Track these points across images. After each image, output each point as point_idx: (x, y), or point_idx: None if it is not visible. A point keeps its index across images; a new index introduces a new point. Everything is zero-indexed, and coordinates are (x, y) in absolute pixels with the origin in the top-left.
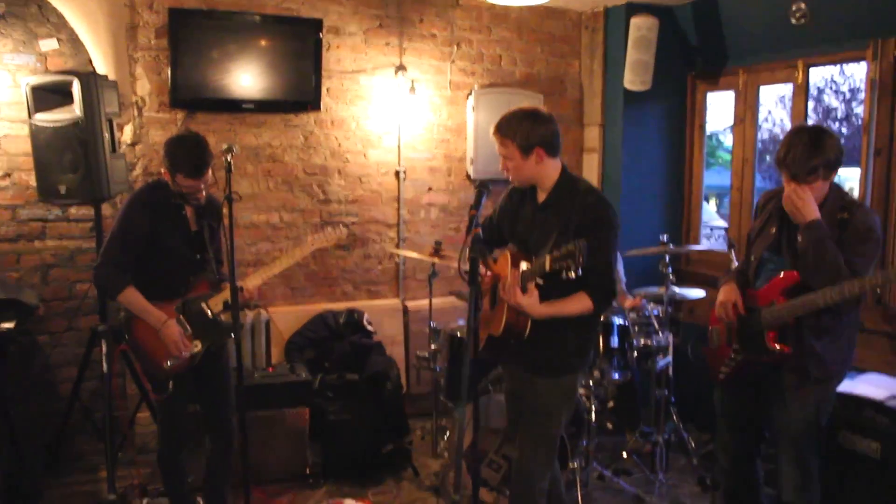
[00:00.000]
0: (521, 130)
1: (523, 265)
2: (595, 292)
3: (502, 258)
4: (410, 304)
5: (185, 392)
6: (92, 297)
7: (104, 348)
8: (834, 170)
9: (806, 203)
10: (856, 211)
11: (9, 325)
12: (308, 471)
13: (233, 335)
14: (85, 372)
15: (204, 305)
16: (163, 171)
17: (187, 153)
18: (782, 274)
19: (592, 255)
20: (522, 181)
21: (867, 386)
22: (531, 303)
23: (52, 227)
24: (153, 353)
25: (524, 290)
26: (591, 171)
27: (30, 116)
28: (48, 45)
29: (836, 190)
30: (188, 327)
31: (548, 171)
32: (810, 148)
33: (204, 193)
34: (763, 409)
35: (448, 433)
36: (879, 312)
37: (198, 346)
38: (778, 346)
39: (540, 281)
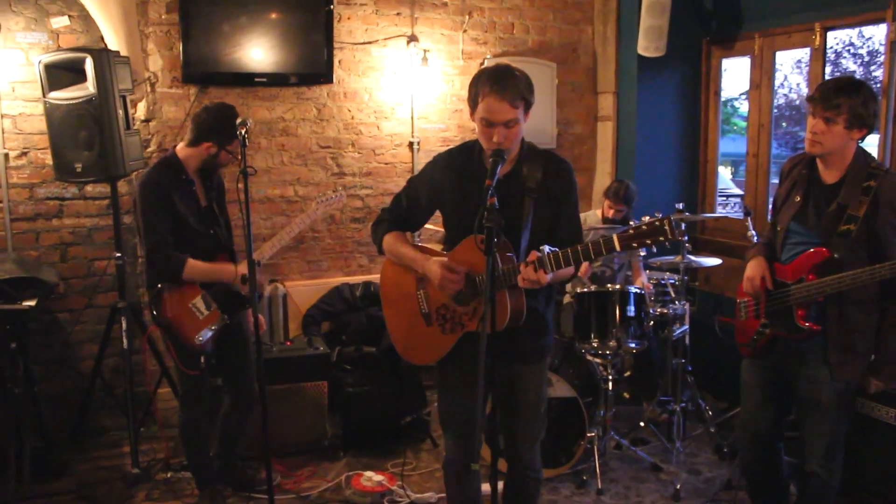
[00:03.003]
0: (527, 89)
1: (545, 248)
2: None
3: (465, 243)
4: None
5: (209, 366)
6: (110, 275)
7: (124, 325)
8: (859, 124)
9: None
10: (883, 179)
11: (30, 303)
12: (327, 443)
13: (253, 311)
14: (106, 349)
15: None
16: (206, 145)
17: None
18: (812, 250)
19: (571, 219)
20: (510, 150)
21: None
22: (548, 279)
23: (70, 206)
24: (185, 329)
25: (546, 270)
26: (605, 139)
27: (44, 94)
28: (59, 22)
29: (863, 156)
30: (212, 303)
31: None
32: (841, 85)
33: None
34: (790, 380)
35: None
36: None
37: (226, 320)
38: (807, 324)
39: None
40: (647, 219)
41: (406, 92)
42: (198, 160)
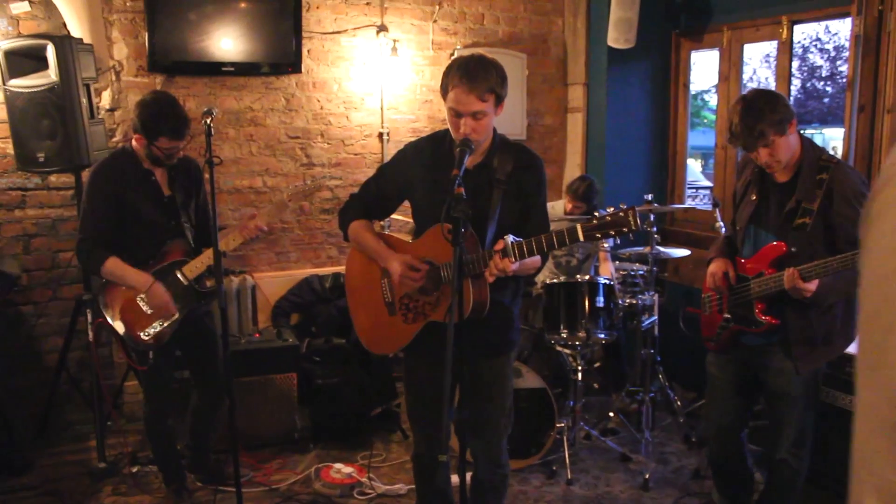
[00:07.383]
0: (499, 83)
1: (509, 238)
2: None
3: (431, 232)
4: None
5: (170, 361)
6: (75, 266)
7: (89, 317)
8: (787, 123)
9: (804, 290)
10: (834, 172)
11: None
12: (297, 436)
13: (219, 301)
14: (71, 341)
15: (178, 274)
16: (135, 136)
17: (167, 116)
18: (771, 245)
19: (539, 213)
20: (479, 141)
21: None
22: (513, 268)
23: (32, 196)
24: (130, 325)
25: (511, 259)
26: (575, 130)
27: (3, 82)
28: (19, 7)
29: (811, 148)
30: None
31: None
32: (747, 116)
33: (181, 153)
34: (755, 373)
35: None
36: None
37: (175, 315)
38: (766, 318)
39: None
40: (611, 210)
41: (375, 82)
42: (143, 152)
